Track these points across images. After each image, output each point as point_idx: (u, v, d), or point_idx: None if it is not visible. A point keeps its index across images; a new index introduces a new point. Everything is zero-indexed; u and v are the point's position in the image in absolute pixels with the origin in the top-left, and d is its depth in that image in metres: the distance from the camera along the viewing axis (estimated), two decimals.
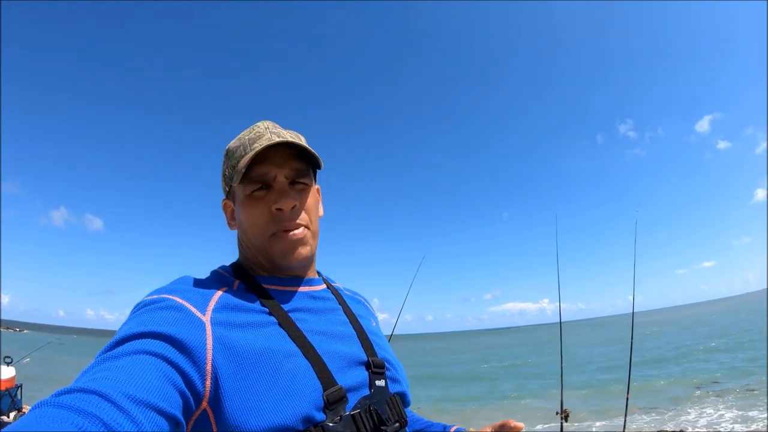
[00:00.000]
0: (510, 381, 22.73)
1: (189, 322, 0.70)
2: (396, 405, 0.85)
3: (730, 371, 17.09)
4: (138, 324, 0.67)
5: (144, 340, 0.64)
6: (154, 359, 0.62)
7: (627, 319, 4.85)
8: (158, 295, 0.75)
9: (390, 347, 0.98)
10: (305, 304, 0.88)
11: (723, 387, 14.43)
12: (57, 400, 0.53)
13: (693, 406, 12.25)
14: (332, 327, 0.88)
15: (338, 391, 0.76)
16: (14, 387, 7.85)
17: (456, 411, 15.63)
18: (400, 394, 0.89)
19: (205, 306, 0.75)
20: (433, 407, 15.95)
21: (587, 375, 20.47)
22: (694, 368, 18.97)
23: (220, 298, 0.79)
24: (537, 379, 22.14)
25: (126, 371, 0.59)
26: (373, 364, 0.86)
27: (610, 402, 13.36)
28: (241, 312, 0.78)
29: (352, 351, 0.85)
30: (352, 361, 0.83)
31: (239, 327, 0.75)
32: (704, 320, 57.36)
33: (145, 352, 0.62)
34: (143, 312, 0.71)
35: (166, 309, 0.71)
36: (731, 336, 30.67)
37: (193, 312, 0.72)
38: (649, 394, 14.26)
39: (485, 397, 18.67)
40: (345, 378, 0.79)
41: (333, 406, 0.74)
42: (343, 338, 0.87)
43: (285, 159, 0.89)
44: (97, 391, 0.54)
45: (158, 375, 0.60)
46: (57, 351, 33.79)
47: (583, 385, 17.50)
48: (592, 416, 12.22)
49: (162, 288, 0.78)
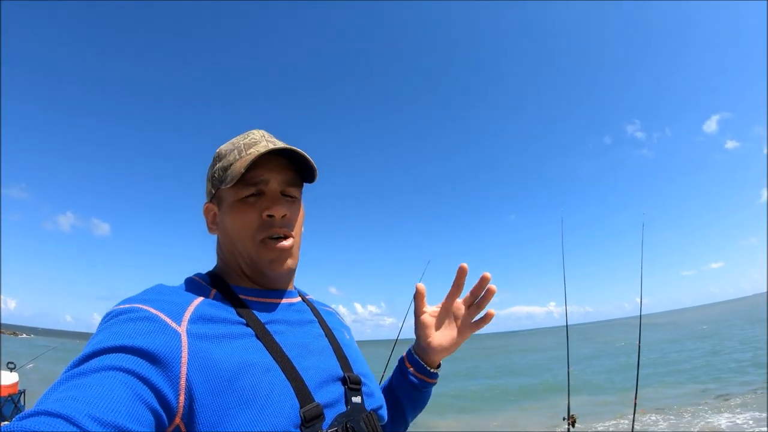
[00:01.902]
0: (515, 385, 22.59)
1: (163, 334, 0.67)
2: (372, 422, 0.82)
3: (736, 375, 16.88)
4: (108, 337, 0.64)
5: (114, 355, 0.61)
6: (124, 375, 0.59)
7: (635, 321, 4.79)
8: (130, 304, 0.71)
9: (364, 359, 0.96)
10: (282, 316, 0.85)
11: (730, 391, 14.24)
12: (21, 424, 0.51)
13: (701, 411, 12.09)
14: (308, 340, 0.86)
15: (315, 408, 0.73)
16: (17, 393, 7.83)
17: (460, 414, 15.54)
18: (375, 409, 0.87)
19: (180, 316, 0.71)
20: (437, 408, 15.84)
21: (594, 379, 20.30)
22: (701, 372, 18.76)
23: (196, 309, 0.75)
24: (543, 383, 21.99)
25: (94, 390, 0.55)
26: (350, 380, 0.84)
27: (617, 407, 13.22)
28: (217, 323, 0.75)
29: (328, 366, 0.83)
30: (328, 377, 0.81)
31: (216, 339, 0.72)
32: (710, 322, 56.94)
33: (114, 368, 0.59)
34: (114, 323, 0.67)
35: (139, 320, 0.67)
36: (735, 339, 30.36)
37: (168, 323, 0.69)
38: (657, 398, 14.10)
39: (490, 401, 18.56)
40: (322, 394, 0.77)
41: (310, 424, 0.72)
42: (320, 352, 0.85)
43: (280, 168, 0.87)
44: (63, 414, 0.51)
45: (127, 393, 0.57)
46: (64, 356, 33.93)
47: (590, 389, 17.36)
48: (599, 421, 12.09)
49: (134, 297, 0.74)
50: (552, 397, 16.45)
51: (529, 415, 14.52)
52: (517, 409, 16.00)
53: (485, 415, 15.46)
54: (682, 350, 28.43)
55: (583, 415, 6.40)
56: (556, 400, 14.67)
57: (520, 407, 16.22)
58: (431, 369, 1.02)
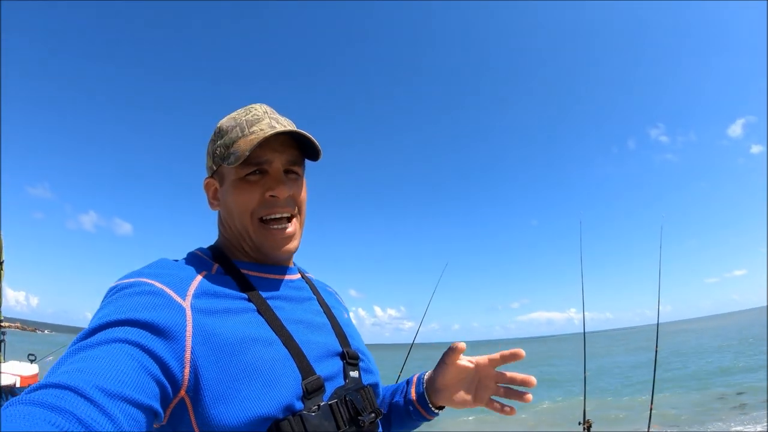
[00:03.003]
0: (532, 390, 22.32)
1: (168, 308, 0.67)
2: (369, 396, 0.84)
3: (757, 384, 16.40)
4: (114, 310, 0.64)
5: (120, 328, 0.62)
6: (130, 348, 0.60)
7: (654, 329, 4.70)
8: (135, 278, 0.71)
9: (361, 338, 0.97)
10: (283, 292, 0.86)
11: (749, 401, 13.85)
12: (30, 397, 0.51)
13: (718, 419, 11.78)
14: (308, 316, 0.86)
15: (317, 380, 0.75)
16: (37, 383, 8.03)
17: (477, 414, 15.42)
18: (372, 385, 0.88)
19: (185, 291, 0.72)
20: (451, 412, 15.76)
21: (611, 385, 19.97)
22: (720, 381, 18.28)
23: (200, 283, 0.76)
24: (559, 388, 21.71)
25: (100, 362, 0.56)
26: (348, 355, 0.86)
27: (633, 413, 12.99)
28: (220, 298, 0.76)
29: (327, 341, 0.85)
30: (327, 351, 0.83)
31: (219, 313, 0.73)
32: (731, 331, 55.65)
33: (120, 340, 0.60)
34: (120, 297, 0.68)
35: (144, 294, 0.68)
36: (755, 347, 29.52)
37: (173, 297, 0.70)
38: (674, 405, 13.80)
39: None
40: (321, 368, 0.78)
41: (311, 396, 0.73)
42: (318, 328, 0.86)
43: (284, 146, 0.86)
44: (71, 386, 0.52)
45: (134, 365, 0.58)
46: None
47: (606, 395, 17.08)
48: (614, 427, 11.89)
49: (138, 271, 0.74)
50: (567, 402, 16.24)
51: (544, 420, 14.35)
52: (533, 413, 15.83)
53: (501, 419, 15.31)
54: (703, 358, 27.79)
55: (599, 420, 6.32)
56: (572, 405, 14.47)
57: (535, 411, 16.04)
58: (434, 408, 0.99)
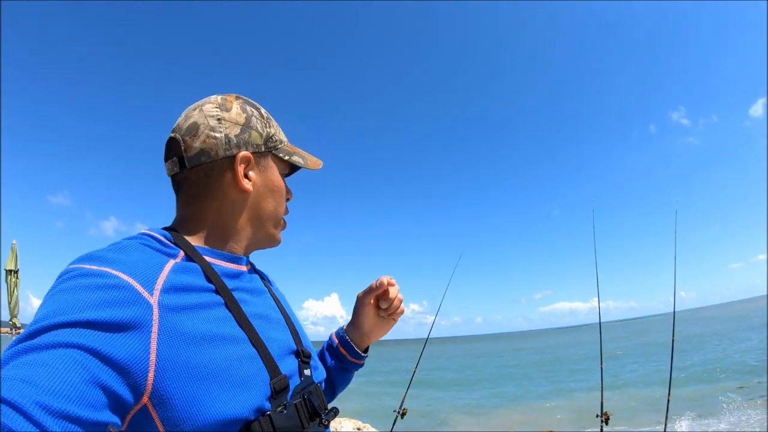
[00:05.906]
0: (549, 382, 22.17)
1: (133, 305, 0.61)
2: (320, 394, 0.85)
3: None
4: (71, 306, 0.58)
5: (74, 330, 0.55)
6: (82, 355, 0.54)
7: (681, 315, 4.60)
8: (98, 266, 0.64)
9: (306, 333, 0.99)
10: (243, 283, 0.84)
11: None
12: None
13: (737, 409, 11.55)
14: (267, 311, 0.86)
15: (283, 380, 0.75)
16: None
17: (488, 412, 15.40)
18: (320, 382, 0.90)
19: (153, 284, 0.65)
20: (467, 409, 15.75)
21: (628, 376, 19.71)
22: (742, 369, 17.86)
23: (168, 275, 0.69)
24: (577, 380, 21.53)
25: (46, 371, 0.51)
26: (303, 354, 0.86)
27: (651, 404, 12.79)
28: (189, 292, 0.70)
29: (284, 338, 0.85)
30: (287, 349, 0.83)
31: (187, 310, 0.67)
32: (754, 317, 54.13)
33: (72, 345, 0.54)
34: (78, 288, 0.60)
35: (107, 288, 0.61)
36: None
37: (140, 292, 0.63)
38: (693, 397, 13.57)
39: (521, 398, 18.33)
40: (283, 366, 0.78)
41: (278, 395, 0.73)
42: (277, 323, 0.86)
43: None
44: (8, 399, 0.48)
45: (84, 375, 0.53)
46: None
47: (624, 386, 16.87)
48: (632, 418, 11.76)
49: (102, 256, 0.66)
50: (585, 394, 16.09)
51: (561, 412, 14.26)
52: (549, 405, 15.74)
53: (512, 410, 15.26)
54: (724, 346, 27.22)
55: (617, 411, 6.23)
56: (589, 397, 14.35)
57: (552, 403, 15.95)
58: (363, 353, 1.10)
